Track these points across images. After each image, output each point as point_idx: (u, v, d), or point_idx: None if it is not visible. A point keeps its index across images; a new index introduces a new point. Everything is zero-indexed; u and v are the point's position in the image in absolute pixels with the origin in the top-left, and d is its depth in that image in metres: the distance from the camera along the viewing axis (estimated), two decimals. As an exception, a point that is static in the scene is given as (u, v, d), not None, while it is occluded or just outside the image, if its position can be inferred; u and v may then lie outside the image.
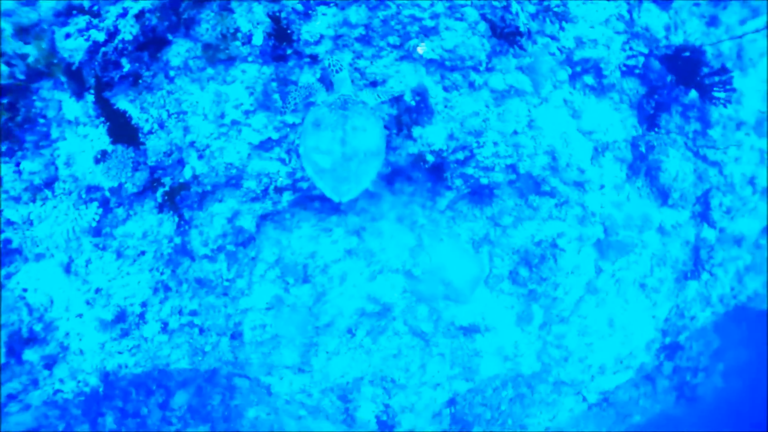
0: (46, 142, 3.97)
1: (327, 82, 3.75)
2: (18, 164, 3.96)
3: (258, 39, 3.61)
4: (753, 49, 5.81)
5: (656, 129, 5.34)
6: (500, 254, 5.59)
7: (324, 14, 3.71)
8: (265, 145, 4.11)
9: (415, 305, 5.63)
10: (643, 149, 5.31)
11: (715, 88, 4.85)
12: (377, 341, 5.72)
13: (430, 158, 4.36)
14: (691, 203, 6.01)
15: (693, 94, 5.45)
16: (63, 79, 3.67)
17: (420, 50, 3.89)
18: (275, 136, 4.05)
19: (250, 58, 3.77)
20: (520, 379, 6.51)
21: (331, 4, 3.68)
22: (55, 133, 3.97)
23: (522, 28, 3.85)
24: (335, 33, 3.77)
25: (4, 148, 3.90)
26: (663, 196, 5.80)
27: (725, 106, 4.96)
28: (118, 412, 6.22)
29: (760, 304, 8.00)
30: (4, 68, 3.57)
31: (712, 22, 5.54)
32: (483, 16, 3.92)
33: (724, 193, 6.08)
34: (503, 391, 6.56)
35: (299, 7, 3.64)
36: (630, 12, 4.65)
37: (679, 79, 4.95)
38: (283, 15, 3.59)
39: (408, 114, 4.03)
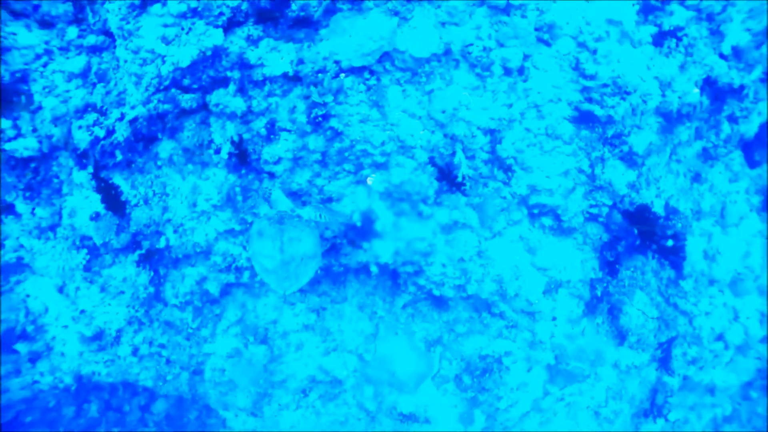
0: (57, 196, 4.81)
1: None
2: (33, 209, 4.82)
3: (224, 154, 4.24)
4: (734, 210, 5.84)
5: (619, 273, 5.48)
6: (450, 358, 5.92)
7: (285, 140, 4.28)
8: (230, 233, 4.74)
9: (363, 384, 6.07)
10: (598, 293, 5.47)
11: (670, 254, 4.97)
12: (327, 406, 6.21)
13: (374, 269, 4.81)
14: (653, 347, 6.06)
15: (669, 242, 5.56)
16: (73, 155, 4.50)
17: (369, 181, 4.37)
18: (237, 228, 4.68)
19: (219, 165, 4.41)
20: (459, 471, 6.76)
21: (292, 132, 4.25)
22: (65, 189, 4.79)
23: (459, 179, 4.23)
24: (293, 156, 4.33)
25: (27, 194, 4.79)
26: (621, 336, 5.91)
27: (676, 271, 5.07)
28: (103, 403, 7.07)
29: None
30: (36, 144, 4.46)
31: (696, 178, 5.62)
32: (432, 160, 4.34)
33: (690, 344, 6.08)
34: (444, 476, 6.83)
35: (263, 132, 4.24)
36: (592, 167, 4.88)
37: (641, 234, 5.11)
38: (247, 136, 4.20)
39: (354, 231, 4.50)
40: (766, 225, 6.35)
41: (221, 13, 4.01)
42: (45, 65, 4.35)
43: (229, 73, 4.12)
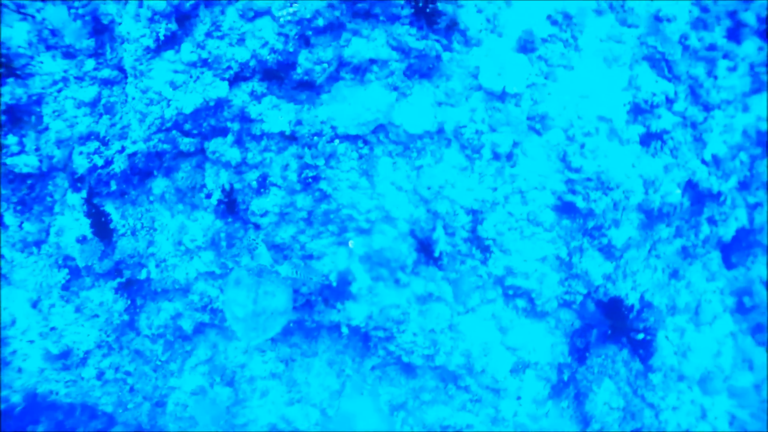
0: (48, 214, 4.92)
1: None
2: (21, 223, 4.93)
3: (214, 200, 4.38)
4: (709, 309, 5.94)
5: (587, 360, 5.54)
6: (412, 424, 5.91)
7: (275, 194, 4.42)
8: (210, 275, 4.83)
9: (323, 438, 6.04)
10: (565, 377, 5.52)
11: (640, 347, 5.05)
12: (285, 455, 6.16)
13: (344, 330, 4.87)
14: (616, 437, 6.05)
15: (640, 335, 5.64)
16: (70, 178, 4.64)
17: (350, 244, 4.48)
18: (218, 271, 4.76)
19: (208, 210, 4.54)
20: None
21: (282, 188, 4.40)
22: (57, 209, 4.91)
23: (436, 254, 4.35)
24: (280, 211, 4.46)
25: (19, 208, 4.91)
26: (585, 422, 5.91)
27: (644, 364, 5.14)
28: (55, 423, 6.96)
29: None
30: (36, 162, 4.62)
31: (674, 274, 5.74)
32: (412, 232, 4.46)
33: (654, 438, 6.09)
34: None
35: (254, 184, 4.38)
36: (570, 256, 5.00)
37: (613, 326, 5.20)
38: (238, 186, 4.34)
39: (330, 290, 4.59)
40: (738, 327, 6.44)
41: (229, 67, 4.21)
42: (59, 91, 4.54)
43: (229, 124, 4.30)
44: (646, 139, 5.10)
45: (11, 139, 4.63)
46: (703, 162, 5.27)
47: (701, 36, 5.13)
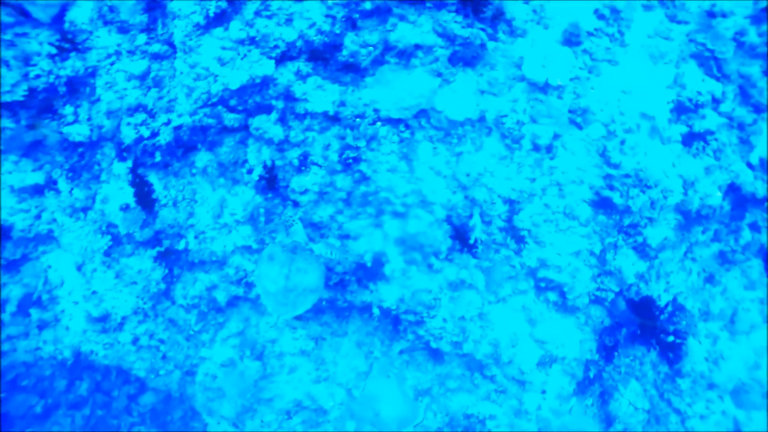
0: (95, 182, 5.11)
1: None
2: (72, 189, 5.13)
3: (255, 175, 4.49)
4: (746, 318, 5.81)
5: (614, 359, 5.50)
6: (435, 410, 5.96)
7: (315, 173, 4.51)
8: (246, 249, 4.95)
9: (346, 418, 6.14)
10: (591, 374, 5.49)
11: (669, 350, 5.00)
12: None
13: (376, 311, 4.95)
14: (640, 440, 6.00)
15: (670, 338, 5.57)
16: (117, 148, 4.81)
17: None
18: (255, 246, 4.88)
19: (249, 185, 4.65)
20: None
21: (323, 167, 4.48)
22: (103, 177, 5.09)
23: (471, 241, 4.38)
24: (320, 190, 4.55)
25: (70, 175, 5.12)
26: (608, 421, 5.88)
27: (671, 368, 5.08)
28: (94, 383, 7.25)
29: None
30: (87, 131, 4.80)
31: (710, 279, 5.64)
32: (449, 218, 4.50)
33: (679, 444, 6.00)
34: None
35: (295, 162, 4.47)
36: (604, 252, 4.97)
37: (642, 325, 5.15)
38: (279, 163, 4.44)
39: (364, 270, 4.66)
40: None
41: (276, 46, 4.30)
42: (112, 64, 4.70)
43: (273, 102, 4.39)
44: (689, 139, 5.02)
45: (68, 109, 4.83)
46: (749, 165, 5.15)
47: (762, 31, 4.98)
